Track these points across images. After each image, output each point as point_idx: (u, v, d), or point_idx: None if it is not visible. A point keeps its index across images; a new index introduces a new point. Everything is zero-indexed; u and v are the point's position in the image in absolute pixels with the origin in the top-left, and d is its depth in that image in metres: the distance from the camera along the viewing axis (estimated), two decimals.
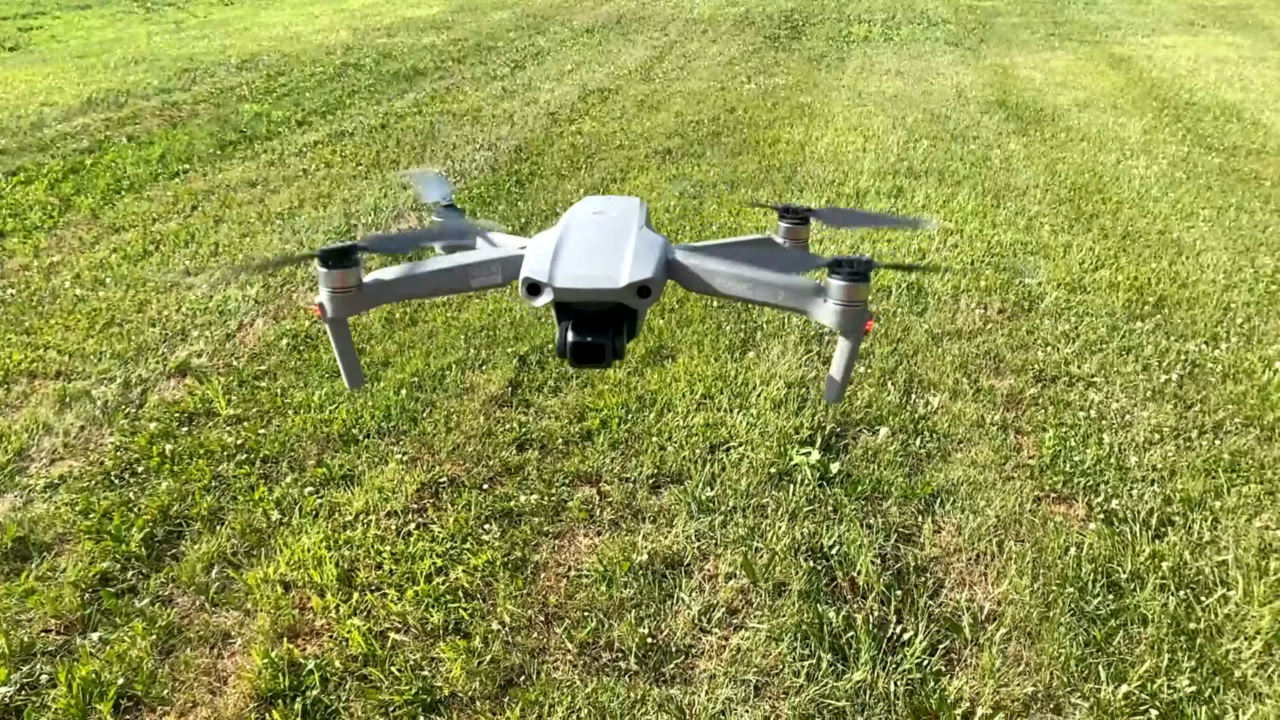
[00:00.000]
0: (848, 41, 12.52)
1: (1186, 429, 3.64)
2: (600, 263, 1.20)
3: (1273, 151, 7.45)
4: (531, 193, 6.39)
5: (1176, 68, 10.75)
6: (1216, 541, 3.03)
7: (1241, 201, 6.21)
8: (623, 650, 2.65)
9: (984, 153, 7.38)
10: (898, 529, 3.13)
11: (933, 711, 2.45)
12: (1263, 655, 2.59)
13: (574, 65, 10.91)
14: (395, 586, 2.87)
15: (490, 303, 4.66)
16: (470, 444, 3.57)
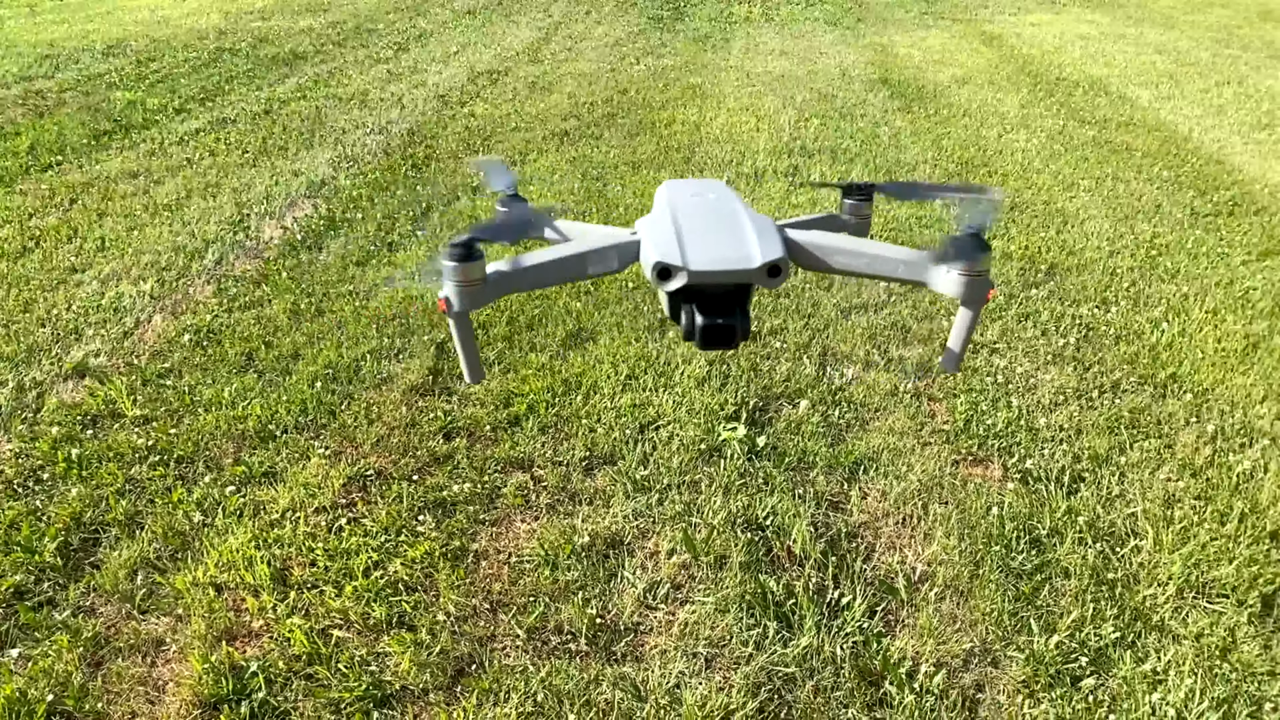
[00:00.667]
0: (730, 22, 12.65)
1: (1087, 389, 3.83)
2: (728, 244, 1.19)
3: (1140, 124, 7.85)
4: (430, 176, 6.29)
5: (1044, 44, 11.21)
6: (1125, 495, 3.20)
7: (1117, 171, 6.53)
8: (572, 632, 2.66)
9: (872, 130, 7.56)
10: (827, 497, 3.21)
11: (878, 671, 2.53)
12: (1176, 599, 2.76)
13: (459, 47, 10.74)
14: (332, 583, 2.81)
15: (399, 290, 4.57)
16: (394, 435, 3.51)
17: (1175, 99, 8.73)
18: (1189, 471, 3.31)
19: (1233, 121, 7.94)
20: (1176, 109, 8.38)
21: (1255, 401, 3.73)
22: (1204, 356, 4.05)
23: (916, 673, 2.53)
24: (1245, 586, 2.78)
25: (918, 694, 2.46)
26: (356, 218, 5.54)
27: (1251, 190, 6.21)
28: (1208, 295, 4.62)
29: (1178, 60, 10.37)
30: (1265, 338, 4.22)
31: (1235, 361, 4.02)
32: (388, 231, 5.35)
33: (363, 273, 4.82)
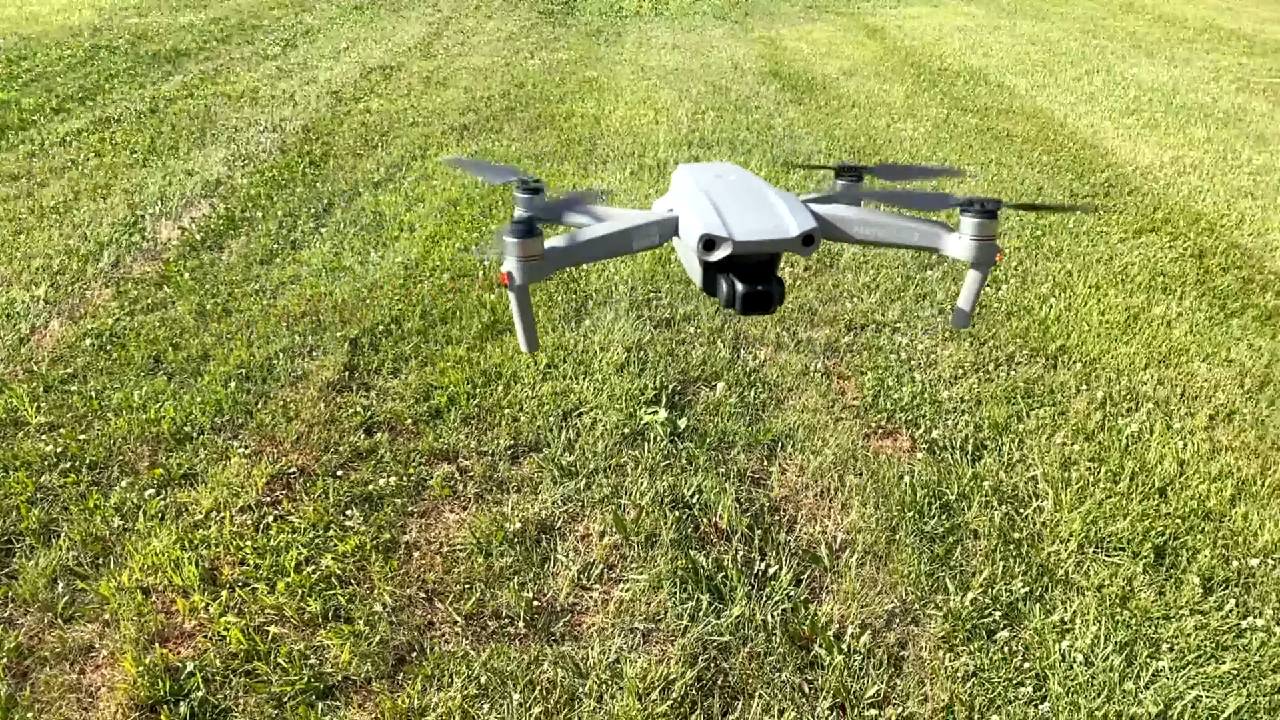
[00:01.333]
0: (621, 17, 12.74)
1: (984, 363, 4.02)
2: (766, 217, 1.28)
3: (1018, 111, 8.21)
4: (329, 173, 6.20)
5: (925, 36, 11.60)
6: (1025, 459, 3.39)
7: (1000, 157, 6.84)
8: (510, 616, 2.70)
9: (767, 121, 7.74)
10: (748, 474, 3.31)
11: (808, 635, 2.64)
12: (1077, 555, 2.94)
13: (349, 43, 10.57)
14: (264, 580, 2.79)
15: (307, 288, 4.52)
16: (314, 432, 3.48)
17: (1050, 87, 9.15)
18: (1082, 436, 3.53)
19: (1104, 107, 8.37)
20: (1051, 96, 8.79)
21: (1138, 369, 3.98)
22: (1090, 329, 4.30)
23: (843, 634, 2.65)
24: (1139, 539, 2.98)
25: (846, 654, 2.58)
26: (257, 216, 5.44)
27: (1124, 172, 6.58)
28: (1090, 271, 4.90)
29: (1050, 50, 10.85)
30: (1144, 309, 4.50)
31: (1118, 332, 4.28)
32: (290, 229, 5.27)
33: (268, 271, 4.75)
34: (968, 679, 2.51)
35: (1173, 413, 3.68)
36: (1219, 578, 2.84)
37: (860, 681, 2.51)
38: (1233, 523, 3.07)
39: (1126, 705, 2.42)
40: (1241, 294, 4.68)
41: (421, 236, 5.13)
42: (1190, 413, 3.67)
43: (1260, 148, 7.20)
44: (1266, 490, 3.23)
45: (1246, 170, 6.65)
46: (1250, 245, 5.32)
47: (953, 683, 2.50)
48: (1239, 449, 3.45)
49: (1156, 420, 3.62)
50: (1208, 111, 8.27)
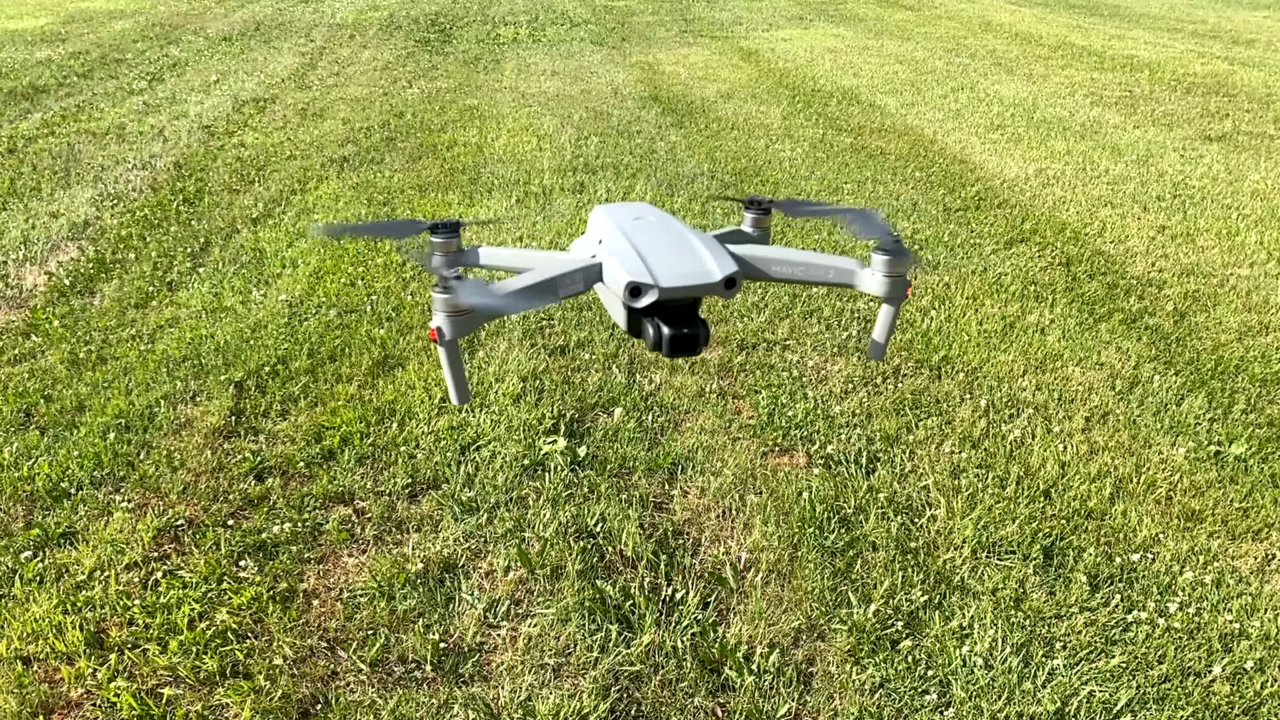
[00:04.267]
0: (499, 44, 12.73)
1: (872, 377, 4.13)
2: (689, 262, 1.30)
3: (890, 129, 8.49)
4: (205, 210, 6.01)
5: (797, 58, 11.90)
6: (916, 470, 3.49)
7: (875, 174, 7.05)
8: (416, 660, 2.65)
9: (649, 145, 7.82)
10: (650, 499, 3.32)
11: (718, 658, 2.66)
12: (971, 560, 3.04)
13: (219, 75, 10.29)
14: (155, 640, 2.67)
15: (187, 331, 4.37)
16: (201, 481, 3.36)
17: (918, 105, 9.49)
18: (969, 443, 3.65)
19: (970, 124, 8.71)
20: (920, 114, 9.11)
21: (1017, 375, 4.15)
22: (969, 339, 4.46)
23: (753, 655, 2.68)
24: (1028, 541, 3.10)
25: (756, 674, 2.60)
26: (129, 258, 5.23)
27: (993, 185, 6.86)
28: (966, 283, 5.08)
29: (916, 69, 11.26)
30: (1019, 318, 4.69)
31: (996, 341, 4.45)
32: (166, 270, 5.08)
33: (144, 315, 4.57)
34: (875, 691, 2.56)
35: (1051, 417, 3.83)
36: (1104, 574, 2.97)
37: (772, 701, 2.54)
38: (1113, 520, 3.21)
39: (1026, 705, 2.50)
40: (1107, 299, 4.92)
41: (305, 272, 5.02)
42: (1068, 416, 3.83)
43: (1116, 158, 7.60)
44: (1142, 488, 3.39)
45: (1105, 180, 7.01)
46: (1112, 252, 5.60)
47: (861, 695, 2.54)
48: (1114, 448, 3.62)
49: (1037, 425, 3.77)
50: (1066, 125, 8.69)
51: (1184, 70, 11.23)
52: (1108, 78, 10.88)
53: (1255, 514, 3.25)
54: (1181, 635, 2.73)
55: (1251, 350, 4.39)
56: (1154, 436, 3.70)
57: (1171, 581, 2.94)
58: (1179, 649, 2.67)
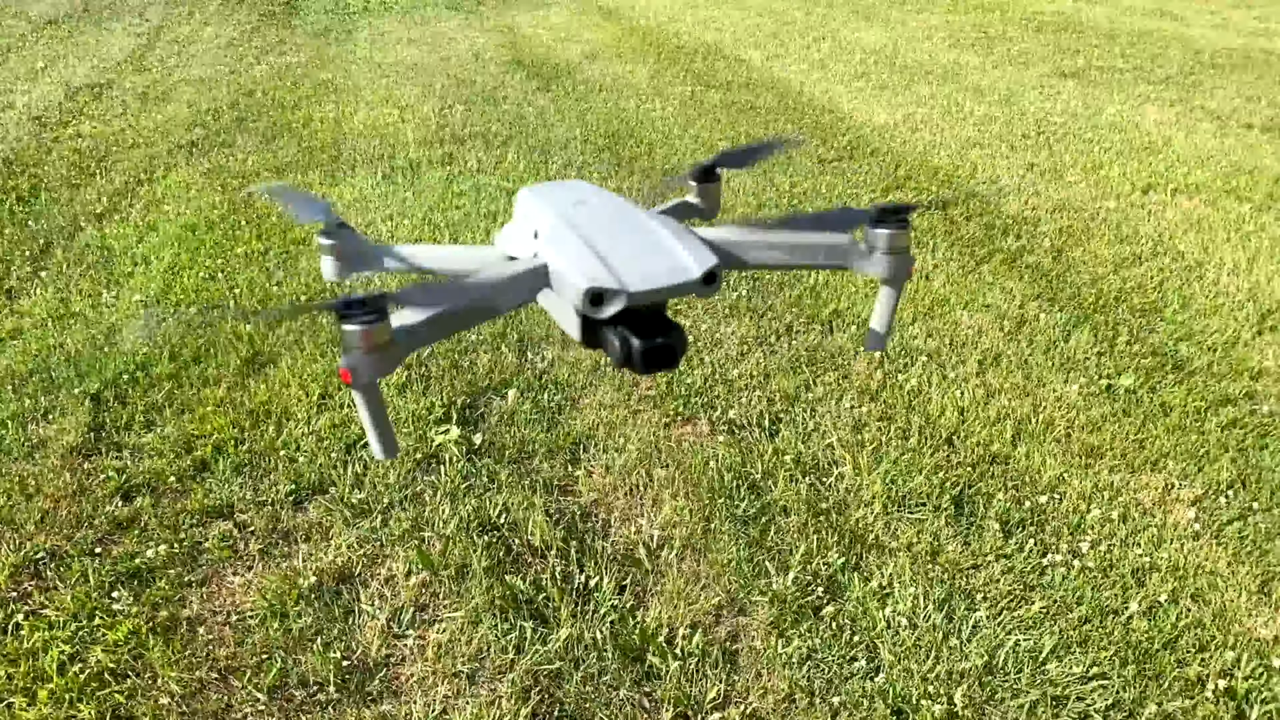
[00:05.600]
0: (349, 13, 12.20)
1: (766, 336, 4.06)
2: (657, 257, 1.05)
3: (757, 83, 8.44)
4: (42, 209, 5.54)
5: (658, 15, 11.76)
6: (819, 428, 3.44)
7: (748, 129, 6.99)
8: (318, 682, 2.46)
9: (518, 111, 7.58)
10: (554, 483, 3.18)
11: (639, 646, 2.55)
12: (884, 516, 3.00)
13: (46, 61, 9.56)
14: (21, 691, 2.41)
15: (32, 342, 4.00)
16: (62, 507, 3.07)
17: (782, 57, 9.47)
18: (867, 396, 3.61)
19: (835, 73, 8.73)
20: (786, 66, 9.09)
21: (907, 323, 4.13)
22: (857, 289, 4.43)
23: (675, 638, 2.58)
24: (937, 492, 3.07)
25: (681, 658, 2.50)
26: None
27: (864, 134, 6.87)
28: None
29: (778, 20, 11.25)
30: None
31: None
32: (3, 277, 4.66)
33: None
34: (803, 663, 2.49)
35: (945, 363, 3.83)
36: (1015, 519, 2.96)
37: (699, 685, 2.44)
38: (1018, 463, 3.22)
39: (954, 663, 2.47)
40: (986, 240, 4.97)
41: (159, 269, 4.66)
42: (961, 360, 3.84)
43: (979, 99, 7.72)
44: (1040, 427, 3.41)
45: (971, 122, 7.11)
46: (985, 192, 5.66)
47: (789, 670, 2.47)
48: (1010, 390, 3.63)
49: (932, 372, 3.76)
50: (928, 69, 8.80)
51: (1034, 9, 11.52)
52: (962, 19, 11.07)
53: (1151, 445, 3.30)
54: (1096, 575, 2.74)
55: (1128, 281, 4.49)
56: (1046, 375, 3.73)
57: (1080, 521, 2.95)
58: (1095, 589, 2.68)
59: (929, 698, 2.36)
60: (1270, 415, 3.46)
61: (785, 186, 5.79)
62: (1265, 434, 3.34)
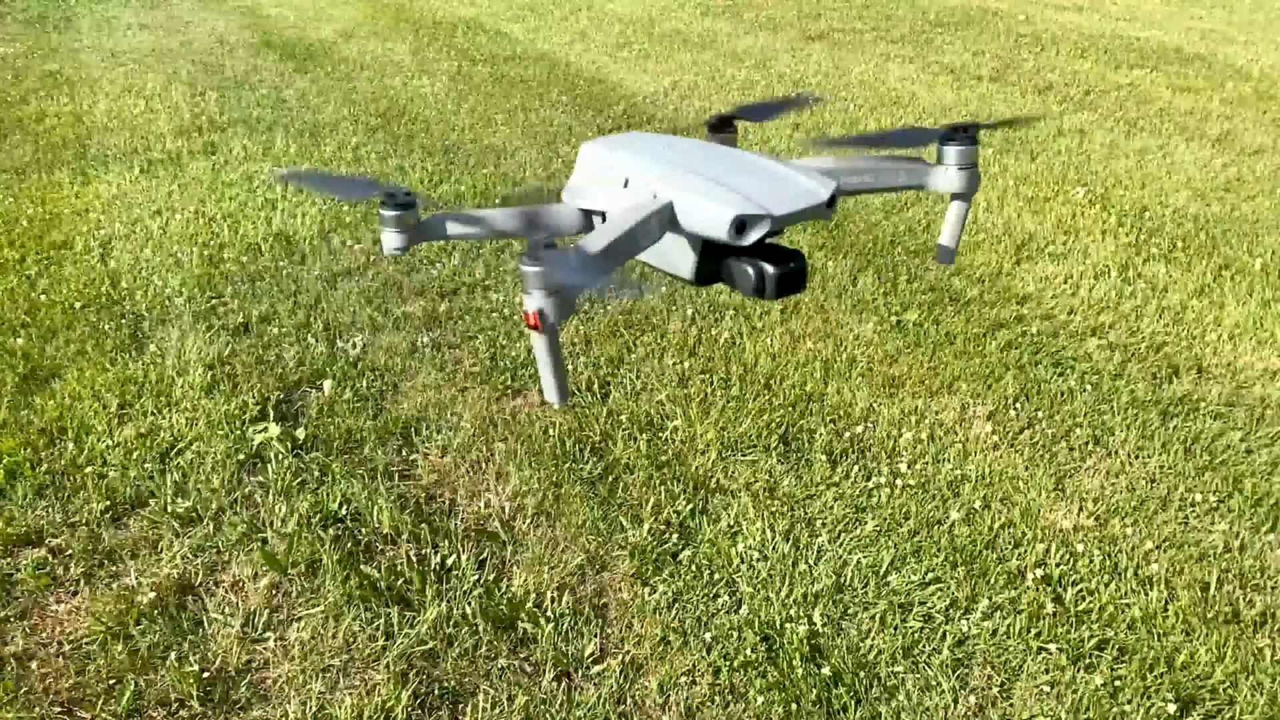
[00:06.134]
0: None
1: (581, 303, 4.11)
2: (785, 185, 1.06)
3: (523, 56, 8.43)
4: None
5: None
6: (647, 387, 3.54)
7: (523, 102, 6.99)
8: (180, 698, 2.33)
9: (276, 95, 7.26)
10: (392, 469, 3.13)
11: (509, 615, 2.56)
12: (720, 461, 3.13)
13: None
14: None
15: None
16: None
17: (543, 29, 9.50)
18: (687, 352, 3.75)
19: (598, 44, 8.85)
20: (548, 38, 9.13)
21: None
22: None
23: (543, 602, 2.61)
24: (765, 433, 3.25)
25: (553, 620, 2.54)
26: None
27: (636, 102, 7.03)
28: None
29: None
30: None
31: None
32: None
33: None
34: (671, 607, 2.59)
35: (751, 315, 4.02)
36: (838, 450, 3.18)
37: (575, 643, 2.49)
38: (831, 399, 3.44)
39: (807, 585, 2.64)
40: None
41: None
42: (765, 311, 4.04)
43: (738, 64, 8.04)
44: (845, 365, 3.65)
45: (734, 86, 7.41)
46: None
47: (659, 615, 2.56)
48: (813, 334, 3.87)
49: (741, 324, 3.94)
50: (685, 37, 9.07)
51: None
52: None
53: (943, 370, 3.61)
54: (917, 491, 2.99)
55: (899, 226, 4.85)
56: (843, 317, 4.00)
57: (895, 444, 3.20)
58: (919, 504, 2.93)
59: (791, 620, 2.51)
60: (1039, 334, 3.86)
61: (570, 157, 5.85)
62: (1038, 350, 3.73)
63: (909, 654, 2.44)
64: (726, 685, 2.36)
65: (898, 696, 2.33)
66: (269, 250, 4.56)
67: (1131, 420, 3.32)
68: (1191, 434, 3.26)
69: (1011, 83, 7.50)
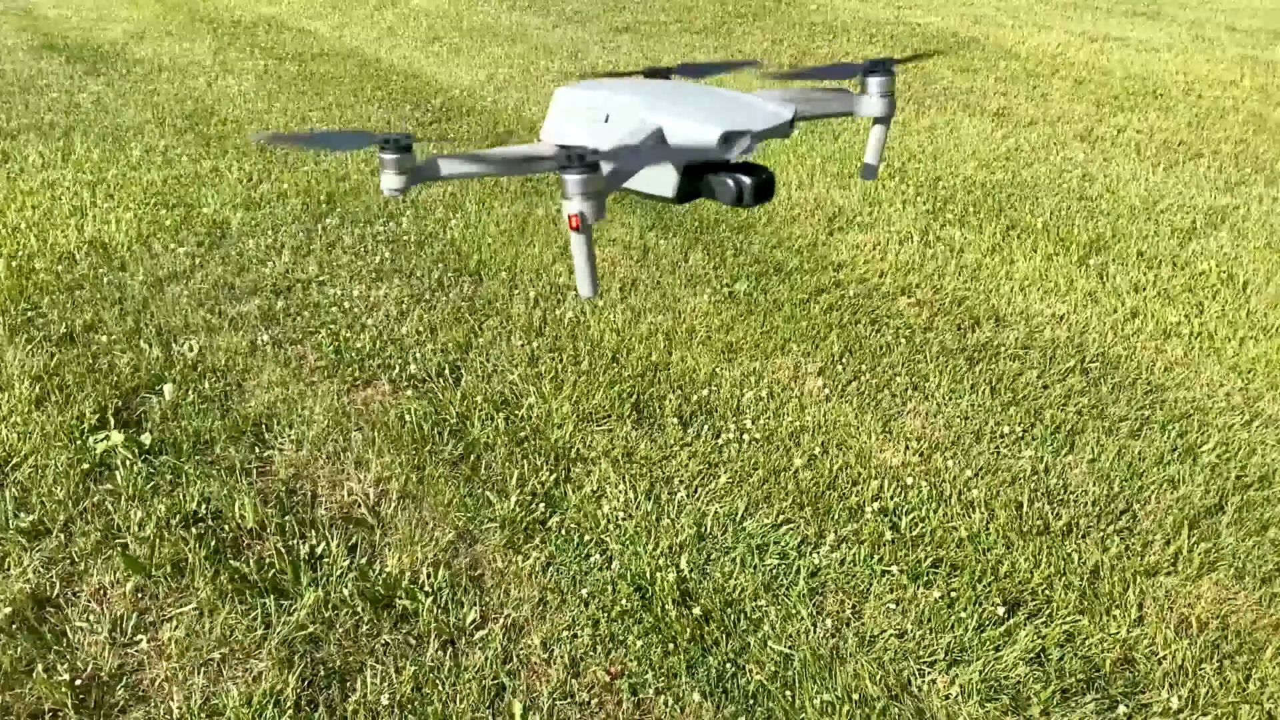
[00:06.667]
0: None
1: (420, 293, 4.16)
2: (751, 107, 1.28)
3: (332, 53, 8.29)
4: None
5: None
6: (498, 368, 3.63)
7: (339, 99, 6.89)
8: (53, 708, 2.28)
9: (69, 99, 6.89)
10: (249, 466, 3.10)
11: (388, 594, 2.62)
12: (577, 433, 3.26)
13: None
14: None
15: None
16: None
17: (349, 25, 9.35)
18: (533, 333, 3.85)
19: (407, 39, 8.79)
20: (355, 35, 9.00)
21: (549, 264, 4.42)
22: (494, 240, 4.65)
23: (419, 578, 2.67)
24: (618, 403, 3.39)
25: (432, 594, 2.61)
26: None
27: (454, 95, 7.05)
28: (469, 190, 5.24)
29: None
30: (528, 214, 4.96)
31: (517, 237, 4.68)
32: None
33: None
34: (546, 570, 2.70)
35: None
36: (687, 413, 3.36)
37: (456, 614, 2.57)
38: (676, 367, 3.62)
39: (672, 537, 2.80)
40: None
41: None
42: (605, 289, 4.19)
43: (551, 57, 8.16)
44: (685, 335, 3.84)
45: (549, 78, 7.52)
46: None
47: (536, 578, 2.67)
48: (653, 308, 4.04)
49: (583, 302, 4.07)
50: (495, 30, 9.12)
51: None
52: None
53: (775, 334, 3.86)
54: (763, 443, 3.20)
55: (720, 206, 5.08)
56: (678, 290, 4.19)
57: (739, 403, 3.41)
58: (765, 454, 3.14)
59: (661, 569, 2.67)
60: (856, 296, 4.17)
61: None
62: (856, 311, 4.03)
63: (769, 589, 2.64)
64: (607, 634, 2.49)
65: (763, 627, 2.52)
66: (85, 258, 4.37)
67: (943, 367, 3.65)
68: (995, 375, 3.61)
69: None
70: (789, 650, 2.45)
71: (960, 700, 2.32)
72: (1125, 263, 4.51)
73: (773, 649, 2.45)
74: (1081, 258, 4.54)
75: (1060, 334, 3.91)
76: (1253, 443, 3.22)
